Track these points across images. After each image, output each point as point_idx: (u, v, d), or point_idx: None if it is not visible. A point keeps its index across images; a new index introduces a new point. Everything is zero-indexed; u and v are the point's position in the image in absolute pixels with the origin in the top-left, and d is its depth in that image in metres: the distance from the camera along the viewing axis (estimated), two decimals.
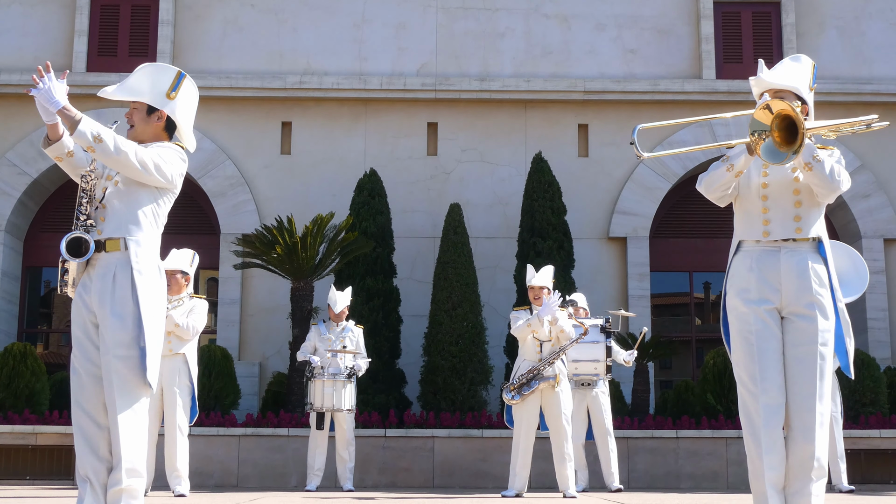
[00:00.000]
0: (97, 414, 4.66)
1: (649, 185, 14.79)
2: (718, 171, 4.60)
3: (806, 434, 4.41)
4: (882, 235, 14.57)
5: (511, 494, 9.09)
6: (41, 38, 15.02)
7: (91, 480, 4.61)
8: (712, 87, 14.85)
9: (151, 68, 4.90)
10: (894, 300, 14.58)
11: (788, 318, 4.54)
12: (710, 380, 12.67)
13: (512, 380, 9.13)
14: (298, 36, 15.15)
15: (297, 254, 12.52)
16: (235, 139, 14.86)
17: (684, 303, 15.99)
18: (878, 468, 12.10)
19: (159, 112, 4.85)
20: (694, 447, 12.04)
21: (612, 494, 9.74)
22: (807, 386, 4.44)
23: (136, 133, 4.84)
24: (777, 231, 4.55)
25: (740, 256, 4.60)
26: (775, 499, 4.39)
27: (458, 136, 14.96)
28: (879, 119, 4.63)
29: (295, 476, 11.66)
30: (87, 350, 4.67)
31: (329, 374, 10.20)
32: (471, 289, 13.08)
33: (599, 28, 15.27)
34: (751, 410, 4.46)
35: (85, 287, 4.69)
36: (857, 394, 12.60)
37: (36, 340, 15.49)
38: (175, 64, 14.89)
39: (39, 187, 14.79)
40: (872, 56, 15.20)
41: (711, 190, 4.67)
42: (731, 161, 4.55)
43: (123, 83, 4.85)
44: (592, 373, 10.06)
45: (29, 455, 11.87)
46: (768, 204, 4.57)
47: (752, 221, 4.59)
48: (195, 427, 11.31)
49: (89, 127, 4.54)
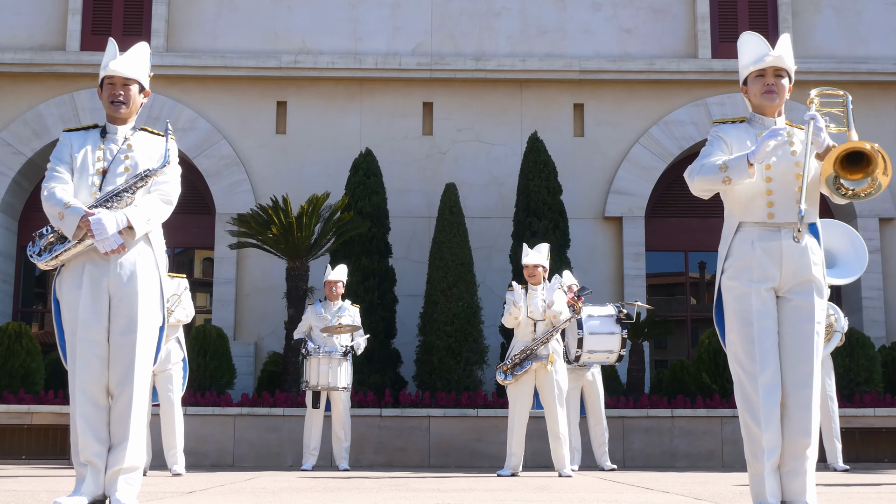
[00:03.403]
0: (98, 396, 4.66)
1: (645, 165, 14.76)
2: (713, 176, 4.51)
3: (803, 412, 4.42)
4: (877, 215, 14.57)
5: (507, 474, 9.10)
6: (34, 16, 14.93)
7: (93, 463, 4.61)
8: (708, 67, 14.80)
9: (141, 48, 5.01)
10: (889, 279, 14.59)
11: (785, 297, 4.52)
12: (706, 359, 12.69)
13: (505, 360, 9.13)
14: (293, 15, 15.07)
15: (293, 234, 12.49)
16: (230, 119, 14.80)
17: (680, 282, 15.99)
18: (872, 447, 12.13)
19: (146, 91, 5.00)
20: (689, 426, 12.06)
21: (607, 473, 9.76)
22: (804, 365, 4.45)
23: (129, 110, 4.92)
24: (782, 213, 4.51)
25: (741, 237, 4.56)
26: (772, 477, 4.39)
27: (453, 116, 14.91)
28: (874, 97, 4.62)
29: (291, 456, 11.67)
30: (95, 332, 4.66)
31: (325, 352, 10.18)
32: (466, 268, 13.07)
33: (595, 7, 15.20)
34: (749, 390, 4.45)
35: (100, 268, 4.68)
36: (851, 373, 12.62)
37: (31, 320, 15.46)
38: (169, 43, 14.84)
39: (34, 166, 14.73)
40: (868, 35, 15.15)
41: (700, 190, 4.64)
42: (729, 174, 4.47)
43: (124, 60, 4.92)
44: (604, 361, 10.07)
45: (24, 434, 11.85)
46: (773, 186, 4.54)
47: (755, 203, 4.55)
48: (191, 407, 11.32)
49: (141, 226, 4.73)
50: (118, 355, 4.66)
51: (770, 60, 4.62)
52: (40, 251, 4.73)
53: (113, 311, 4.69)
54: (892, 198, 14.71)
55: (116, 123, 4.92)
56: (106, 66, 4.88)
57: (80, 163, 4.80)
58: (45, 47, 14.82)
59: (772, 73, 4.65)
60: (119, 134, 4.90)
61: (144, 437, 4.77)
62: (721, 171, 4.49)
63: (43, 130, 14.56)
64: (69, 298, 4.71)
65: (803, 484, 4.38)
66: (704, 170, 4.57)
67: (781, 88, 4.66)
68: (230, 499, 5.63)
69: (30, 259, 4.77)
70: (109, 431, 4.65)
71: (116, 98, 4.87)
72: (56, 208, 4.65)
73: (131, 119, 4.96)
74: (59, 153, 4.84)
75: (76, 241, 4.64)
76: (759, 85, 4.66)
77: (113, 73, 4.86)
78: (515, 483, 7.76)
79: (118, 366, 4.65)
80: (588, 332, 9.85)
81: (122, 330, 4.67)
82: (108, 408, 4.67)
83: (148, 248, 4.81)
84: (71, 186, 4.74)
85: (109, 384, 4.67)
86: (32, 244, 4.76)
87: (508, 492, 6.49)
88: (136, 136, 4.92)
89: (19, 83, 14.69)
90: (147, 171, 4.80)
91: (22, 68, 14.58)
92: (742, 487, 6.90)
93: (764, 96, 4.65)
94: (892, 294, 14.59)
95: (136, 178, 4.77)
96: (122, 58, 4.90)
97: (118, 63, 4.87)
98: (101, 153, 4.83)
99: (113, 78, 4.88)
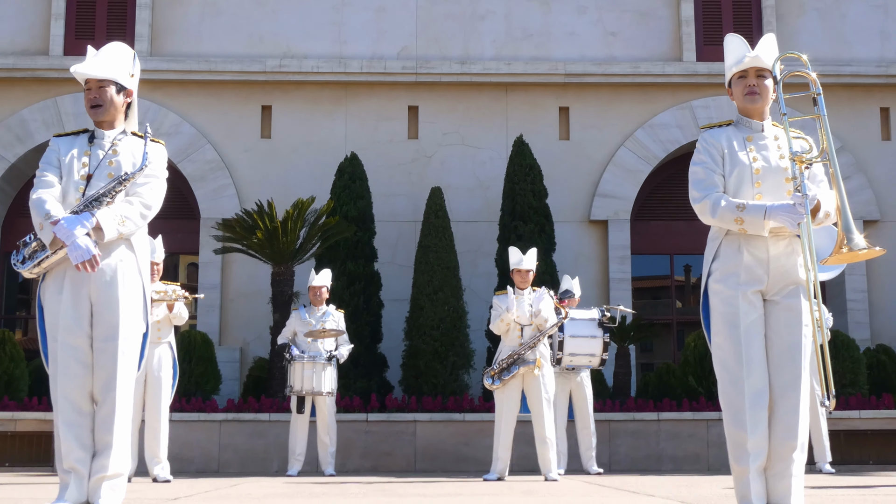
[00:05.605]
0: (82, 402, 4.64)
1: (630, 168, 14.79)
2: (730, 215, 4.42)
3: (791, 415, 4.41)
4: (861, 217, 14.61)
5: (493, 478, 9.10)
6: (17, 21, 14.87)
7: (77, 470, 4.58)
8: (692, 70, 14.84)
9: (116, 47, 4.90)
10: (873, 282, 14.64)
11: (773, 300, 4.51)
12: (692, 362, 12.70)
13: (493, 364, 9.14)
14: (278, 19, 15.05)
15: (278, 238, 12.46)
16: (215, 123, 14.76)
17: (665, 286, 16.01)
18: (857, 449, 12.17)
19: (127, 91, 4.89)
20: (675, 429, 12.08)
21: (593, 477, 9.76)
22: (793, 368, 4.44)
23: (108, 112, 4.83)
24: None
25: (729, 240, 4.54)
26: (757, 480, 4.39)
27: (438, 120, 14.91)
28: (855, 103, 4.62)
29: (276, 461, 11.63)
30: (77, 338, 4.64)
31: (309, 357, 10.17)
32: (452, 272, 13.06)
33: (580, 10, 15.22)
34: (733, 394, 4.45)
35: (81, 274, 4.64)
36: (836, 375, 12.65)
37: (14, 326, 15.38)
38: (153, 48, 14.80)
39: (17, 172, 14.66)
40: (852, 38, 15.21)
41: (710, 222, 4.54)
42: (744, 215, 4.39)
43: (94, 61, 4.82)
44: (587, 364, 10.10)
45: (8, 441, 11.79)
46: (761, 190, 4.53)
47: None
48: (176, 413, 11.28)
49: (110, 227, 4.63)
50: (101, 361, 4.63)
51: (748, 61, 4.61)
52: (24, 259, 4.71)
53: (95, 318, 4.67)
54: (875, 200, 14.77)
55: (103, 128, 4.86)
56: (77, 72, 4.81)
57: (67, 168, 4.76)
58: (29, 52, 14.76)
59: (753, 74, 4.63)
60: (106, 139, 4.83)
61: (129, 444, 4.74)
62: (736, 223, 4.43)
63: (26, 136, 14.50)
64: (51, 304, 4.68)
65: (788, 487, 4.37)
66: (722, 216, 4.46)
67: (764, 89, 4.63)
68: None
69: (13, 267, 4.75)
70: (94, 438, 4.63)
71: (92, 101, 4.81)
72: (38, 218, 4.63)
73: (119, 123, 4.88)
74: (47, 158, 4.81)
75: (54, 249, 4.61)
76: (741, 87, 4.65)
77: (84, 75, 4.79)
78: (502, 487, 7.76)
79: (101, 372, 4.63)
80: (569, 335, 9.89)
81: (104, 336, 4.64)
82: (91, 414, 4.65)
83: (130, 254, 4.76)
84: (58, 190, 4.70)
85: (93, 390, 4.65)
86: (16, 252, 4.74)
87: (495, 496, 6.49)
88: (124, 141, 4.84)
89: (2, 88, 14.62)
90: (125, 174, 4.73)
91: (5, 73, 14.52)
92: (728, 490, 6.91)
93: (746, 98, 4.64)
94: (876, 296, 14.64)
95: (114, 183, 4.71)
96: (92, 59, 4.81)
97: (87, 65, 4.78)
98: (86, 159, 4.78)
99: (89, 82, 4.81)
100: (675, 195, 14.81)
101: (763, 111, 4.68)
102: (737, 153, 4.58)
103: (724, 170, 4.58)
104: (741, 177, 4.54)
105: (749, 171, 4.54)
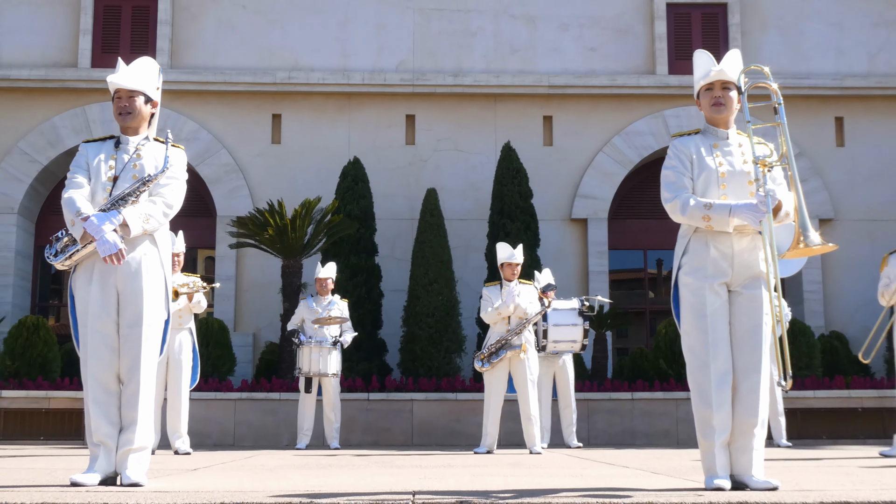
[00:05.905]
0: (109, 382, 4.66)
1: (608, 172, 14.81)
2: (698, 213, 4.44)
3: (752, 395, 4.44)
4: (817, 216, 14.65)
5: (482, 451, 9.13)
6: (48, 36, 14.84)
7: (105, 443, 4.60)
8: (665, 82, 14.85)
9: (146, 62, 4.93)
10: (827, 275, 14.68)
11: (737, 291, 4.55)
12: (663, 347, 12.74)
13: (482, 349, 9.17)
14: (287, 35, 15.03)
15: (288, 234, 12.47)
16: (230, 130, 14.75)
17: (639, 278, 16.04)
18: (812, 425, 12.23)
19: (153, 102, 4.92)
20: (648, 408, 12.11)
21: (574, 451, 9.79)
22: (754, 352, 4.48)
23: (136, 119, 4.86)
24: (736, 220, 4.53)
25: (698, 237, 4.56)
26: (722, 453, 4.42)
27: (433, 127, 14.91)
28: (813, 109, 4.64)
29: (286, 436, 11.65)
30: (105, 324, 4.65)
31: (316, 342, 10.22)
32: (446, 266, 13.08)
33: (563, 28, 15.23)
34: (700, 376, 4.49)
35: (109, 266, 4.64)
36: (793, 358, 12.68)
37: (48, 314, 15.37)
38: (173, 61, 14.78)
39: (49, 173, 14.64)
40: (810, 53, 15.24)
41: (680, 220, 4.55)
42: (711, 213, 4.41)
43: (127, 73, 4.85)
44: (569, 350, 10.15)
45: (42, 418, 11.80)
46: (727, 192, 4.55)
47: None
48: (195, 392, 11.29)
49: (136, 223, 4.64)
50: (126, 346, 4.65)
51: (714, 75, 4.64)
52: (56, 252, 4.72)
53: (121, 306, 4.69)
54: (830, 201, 14.81)
55: (128, 134, 4.88)
56: (111, 81, 4.84)
57: (95, 171, 4.78)
58: (59, 64, 14.73)
59: (719, 87, 4.66)
60: (131, 144, 4.85)
61: (153, 420, 4.75)
62: (704, 220, 4.45)
63: (57, 140, 14.47)
64: (82, 293, 4.70)
65: (750, 459, 4.41)
66: (691, 214, 4.47)
67: (729, 100, 4.67)
68: (231, 475, 5.62)
69: (47, 260, 4.76)
70: (120, 414, 4.65)
71: (122, 109, 4.84)
72: (69, 215, 4.65)
73: (143, 130, 4.90)
74: (77, 161, 4.83)
75: (84, 244, 4.63)
76: (707, 98, 4.68)
77: (116, 85, 4.82)
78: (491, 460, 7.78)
79: (127, 355, 4.65)
80: (552, 324, 9.94)
81: (129, 323, 4.66)
82: (118, 393, 4.67)
83: (153, 248, 4.78)
84: (87, 191, 4.72)
85: (120, 372, 4.67)
86: (49, 246, 4.75)
87: (485, 468, 6.51)
88: (147, 147, 4.86)
89: (35, 97, 14.60)
90: (148, 176, 4.76)
91: (37, 84, 14.50)
92: (695, 462, 6.94)
93: (712, 108, 4.67)
94: (830, 288, 14.69)
95: (138, 183, 4.73)
96: (124, 71, 4.84)
97: (119, 76, 4.82)
98: (112, 162, 4.80)
99: (119, 91, 4.84)
100: (649, 196, 14.85)
101: (728, 120, 4.71)
102: (704, 158, 4.60)
103: (692, 173, 4.60)
104: (708, 179, 4.57)
105: (715, 174, 4.57)
